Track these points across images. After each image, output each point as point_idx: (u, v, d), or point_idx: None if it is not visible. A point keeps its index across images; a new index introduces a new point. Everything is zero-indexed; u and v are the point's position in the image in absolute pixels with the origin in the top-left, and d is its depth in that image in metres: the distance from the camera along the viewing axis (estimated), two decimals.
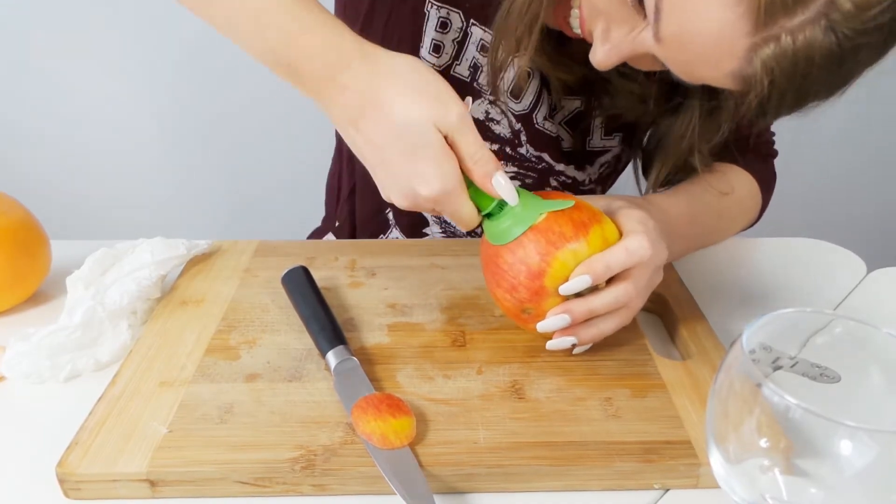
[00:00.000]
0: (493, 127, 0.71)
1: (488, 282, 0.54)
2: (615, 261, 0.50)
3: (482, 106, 0.70)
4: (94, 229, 1.48)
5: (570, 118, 0.72)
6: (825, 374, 0.41)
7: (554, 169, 0.74)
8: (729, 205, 0.70)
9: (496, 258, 0.52)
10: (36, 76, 1.36)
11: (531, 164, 0.74)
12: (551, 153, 0.73)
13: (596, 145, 0.73)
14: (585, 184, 0.76)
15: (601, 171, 0.75)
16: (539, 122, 0.71)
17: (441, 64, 0.68)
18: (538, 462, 0.45)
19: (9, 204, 0.64)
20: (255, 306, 0.61)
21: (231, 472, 0.44)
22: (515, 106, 0.70)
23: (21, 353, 0.55)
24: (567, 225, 0.50)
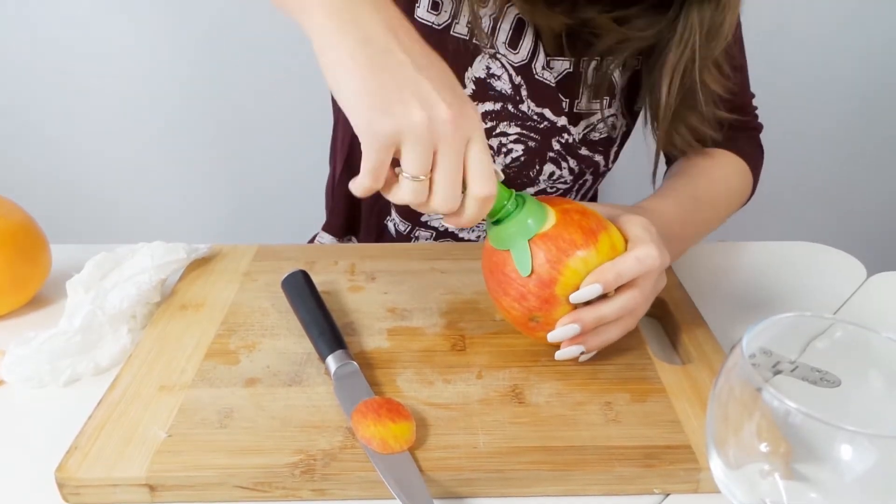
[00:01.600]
0: (493, 83, 0.71)
1: (493, 290, 0.53)
2: (626, 270, 0.50)
3: (483, 62, 0.70)
4: (94, 233, 1.48)
5: (560, 80, 0.72)
6: (825, 379, 0.41)
7: (556, 126, 0.74)
8: (720, 195, 0.71)
9: (503, 266, 0.51)
10: (37, 79, 1.36)
11: (533, 124, 0.73)
12: (552, 108, 0.73)
13: (582, 108, 0.74)
14: (576, 143, 0.76)
15: (586, 132, 0.76)
16: (538, 71, 0.71)
17: (440, 22, 0.68)
18: (538, 467, 0.45)
19: (9, 207, 0.64)
20: (255, 310, 0.61)
21: (230, 476, 0.44)
22: (514, 57, 0.70)
23: (21, 357, 0.55)
24: (577, 232, 0.50)
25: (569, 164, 0.77)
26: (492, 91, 0.72)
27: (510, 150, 0.75)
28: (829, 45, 1.37)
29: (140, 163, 1.46)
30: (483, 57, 0.70)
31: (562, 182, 0.79)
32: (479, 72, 0.71)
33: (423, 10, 0.68)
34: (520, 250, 0.50)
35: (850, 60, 1.39)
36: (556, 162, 0.77)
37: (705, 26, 0.64)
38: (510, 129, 0.74)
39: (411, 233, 0.83)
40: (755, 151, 0.79)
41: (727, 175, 0.74)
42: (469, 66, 0.70)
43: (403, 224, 0.82)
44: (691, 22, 0.64)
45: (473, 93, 0.72)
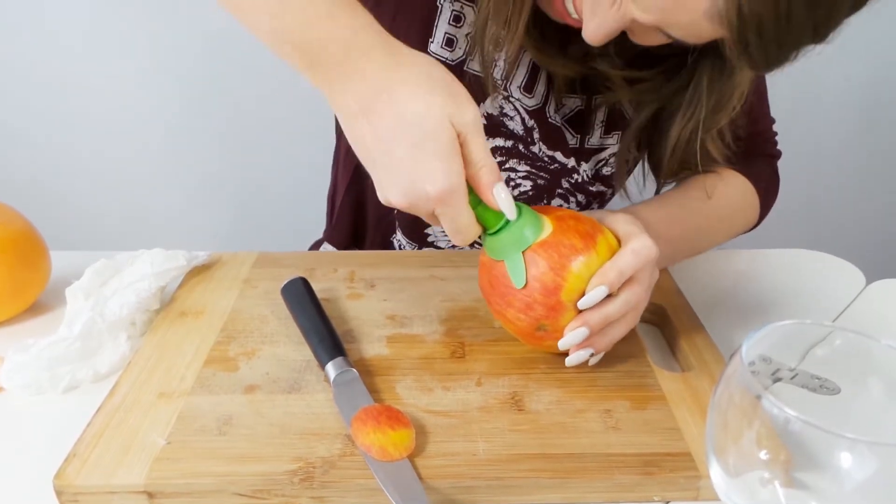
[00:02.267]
0: (506, 122, 0.71)
1: (495, 303, 0.52)
2: (626, 265, 0.50)
3: (496, 101, 0.70)
4: (93, 240, 1.48)
5: (571, 116, 0.72)
6: (825, 386, 0.41)
7: (567, 168, 0.74)
8: (716, 208, 0.70)
9: (504, 278, 0.51)
10: (36, 85, 1.36)
11: (544, 164, 0.74)
12: (564, 150, 0.73)
13: (594, 143, 0.74)
14: (588, 181, 0.76)
15: (597, 167, 0.76)
16: (551, 115, 0.71)
17: (454, 59, 0.68)
18: (537, 474, 0.44)
19: (9, 214, 0.64)
20: (255, 317, 0.61)
21: (229, 484, 0.44)
22: (528, 101, 0.70)
23: (20, 364, 0.55)
24: (575, 237, 0.50)
25: (577, 198, 0.78)
26: (503, 129, 0.72)
27: (518, 184, 0.75)
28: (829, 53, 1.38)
29: (140, 170, 1.46)
30: (497, 97, 0.70)
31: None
32: (492, 109, 0.71)
33: (437, 46, 0.67)
34: (514, 261, 0.50)
35: (850, 68, 1.39)
36: (564, 197, 0.77)
37: (713, 99, 0.63)
38: (520, 166, 0.74)
39: None
40: (769, 178, 0.77)
41: (728, 191, 0.72)
42: (482, 103, 0.70)
43: (410, 245, 0.82)
44: (699, 92, 0.64)
45: (485, 126, 0.69)
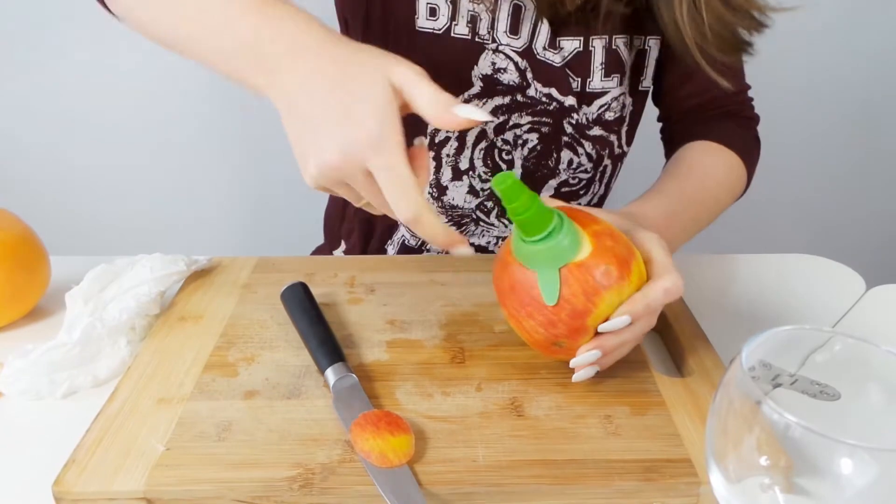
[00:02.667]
0: (500, 77, 0.72)
1: (512, 307, 0.51)
2: (655, 301, 0.50)
3: (487, 58, 0.71)
4: (93, 245, 1.48)
5: (570, 59, 0.73)
6: (825, 392, 0.40)
7: (565, 107, 0.75)
8: (709, 193, 0.73)
9: (530, 288, 0.49)
10: (35, 90, 1.37)
11: (543, 107, 0.74)
12: (559, 87, 0.74)
13: (595, 87, 0.75)
14: (585, 123, 0.77)
15: (600, 112, 0.76)
16: (540, 52, 0.72)
17: (440, 27, 0.69)
18: (537, 481, 0.44)
19: (8, 219, 0.64)
20: (254, 323, 0.61)
21: (228, 490, 0.44)
22: (516, 43, 0.71)
23: (19, 369, 0.55)
24: (612, 262, 0.49)
25: (584, 148, 0.78)
26: (500, 86, 0.73)
27: (525, 140, 0.76)
28: (829, 54, 1.38)
29: (140, 175, 1.46)
30: (487, 53, 0.71)
31: (582, 171, 0.79)
32: (485, 69, 0.72)
33: (423, 20, 0.70)
34: (549, 277, 0.48)
35: (850, 70, 1.39)
36: (572, 147, 0.77)
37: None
38: (522, 118, 0.75)
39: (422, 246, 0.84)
40: (750, 144, 0.79)
41: (718, 173, 0.75)
42: (475, 65, 0.71)
43: (413, 238, 0.83)
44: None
45: (482, 90, 0.72)
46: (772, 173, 1.46)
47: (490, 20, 0.69)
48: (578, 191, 0.80)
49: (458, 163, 0.77)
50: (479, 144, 0.76)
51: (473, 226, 0.82)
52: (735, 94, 0.79)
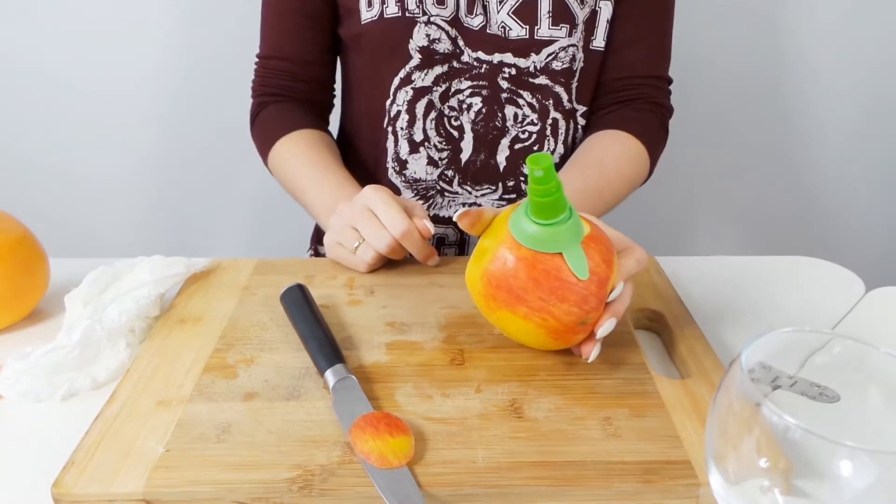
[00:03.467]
0: (436, 47, 0.79)
1: (539, 300, 0.50)
2: (635, 267, 0.54)
3: (420, 31, 0.78)
4: (92, 247, 1.48)
5: (518, 7, 0.78)
6: (824, 394, 0.40)
7: (493, 63, 0.80)
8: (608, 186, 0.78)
9: (557, 272, 0.50)
10: (34, 91, 1.37)
11: (476, 71, 0.81)
12: (484, 49, 0.80)
13: (543, 34, 0.79)
14: (531, 71, 0.81)
15: (548, 61, 0.80)
16: (465, 20, 0.79)
17: (375, 14, 0.78)
18: (537, 482, 0.44)
19: (7, 221, 0.64)
20: (254, 324, 0.61)
21: (228, 492, 0.44)
22: (444, 12, 0.78)
23: (18, 371, 0.55)
24: (601, 230, 0.53)
25: (525, 98, 0.82)
26: (437, 55, 0.79)
27: (469, 104, 0.82)
28: (829, 58, 1.38)
29: (140, 176, 1.46)
30: (420, 26, 0.78)
31: (530, 124, 0.83)
32: (420, 41, 0.79)
33: (364, 13, 0.79)
34: (576, 253, 0.50)
35: (850, 71, 1.39)
36: (512, 101, 0.82)
37: None
38: (462, 84, 0.81)
39: None
40: (659, 134, 0.85)
41: (622, 164, 0.80)
42: (410, 38, 0.78)
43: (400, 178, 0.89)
44: None
45: (420, 61, 0.80)
46: (771, 175, 1.47)
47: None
48: (532, 146, 0.84)
49: (412, 135, 0.83)
50: (428, 115, 0.82)
51: (440, 197, 0.85)
52: (659, 78, 0.86)
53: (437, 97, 0.81)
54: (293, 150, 0.83)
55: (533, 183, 0.48)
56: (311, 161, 0.81)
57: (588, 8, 0.80)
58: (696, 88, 1.37)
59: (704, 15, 1.31)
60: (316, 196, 0.78)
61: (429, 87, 0.81)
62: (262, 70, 0.88)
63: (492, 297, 0.52)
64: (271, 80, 0.87)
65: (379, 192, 0.67)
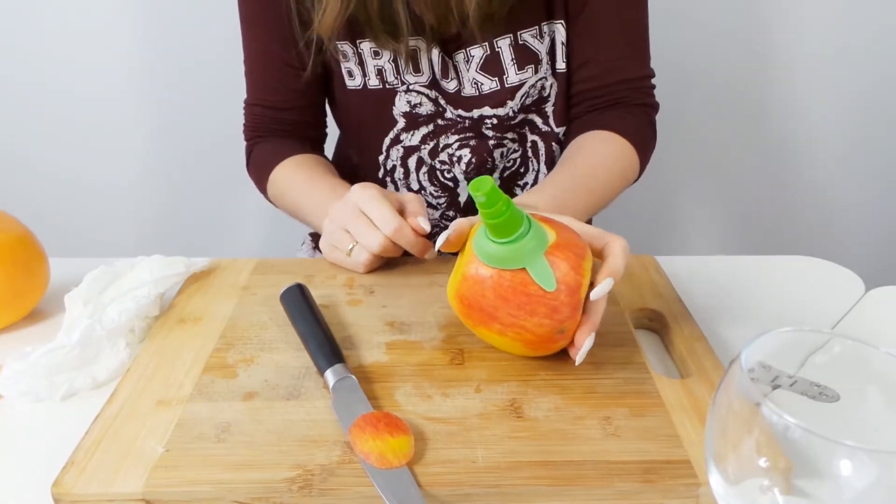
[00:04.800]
0: (418, 110, 0.84)
1: (509, 316, 0.51)
2: (623, 262, 0.54)
3: (402, 98, 0.83)
4: (92, 247, 1.48)
5: (484, 63, 0.81)
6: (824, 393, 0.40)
7: (475, 117, 0.84)
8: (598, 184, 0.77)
9: (524, 286, 0.50)
10: (33, 91, 1.37)
11: (462, 125, 0.84)
12: (465, 106, 0.83)
13: (513, 81, 0.82)
14: (510, 117, 0.84)
15: (523, 101, 0.84)
16: (444, 84, 0.83)
17: (359, 84, 0.83)
18: (536, 482, 0.44)
19: (7, 221, 0.64)
20: (254, 324, 0.61)
21: (228, 492, 0.44)
22: (421, 79, 0.82)
23: (18, 371, 0.55)
24: (571, 234, 0.52)
25: (509, 137, 0.85)
26: (420, 118, 0.84)
27: (459, 157, 0.85)
28: (828, 59, 1.38)
29: (139, 176, 1.46)
30: (400, 95, 0.83)
31: (514, 153, 0.87)
32: (402, 107, 0.84)
33: (348, 82, 0.84)
34: (540, 266, 0.50)
35: (850, 71, 1.39)
36: (500, 145, 0.85)
37: None
38: (450, 139, 0.85)
39: None
40: (645, 132, 0.85)
41: (610, 162, 0.80)
42: (393, 106, 0.84)
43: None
44: None
45: (406, 124, 0.85)
46: (771, 175, 1.46)
47: (394, 69, 0.81)
48: (518, 170, 0.87)
49: (409, 185, 0.88)
50: (421, 169, 0.87)
51: None
52: (635, 79, 0.85)
53: (426, 154, 0.86)
54: (287, 174, 0.84)
55: (480, 207, 0.49)
56: (304, 178, 0.82)
57: (548, 37, 0.81)
58: (696, 88, 1.37)
59: (704, 14, 1.31)
60: (311, 206, 0.79)
61: (417, 146, 0.85)
62: (250, 115, 0.90)
63: (466, 315, 0.54)
64: (258, 121, 0.89)
65: (367, 190, 0.67)
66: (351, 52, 0.81)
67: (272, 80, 0.86)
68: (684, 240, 1.52)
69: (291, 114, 0.88)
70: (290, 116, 0.88)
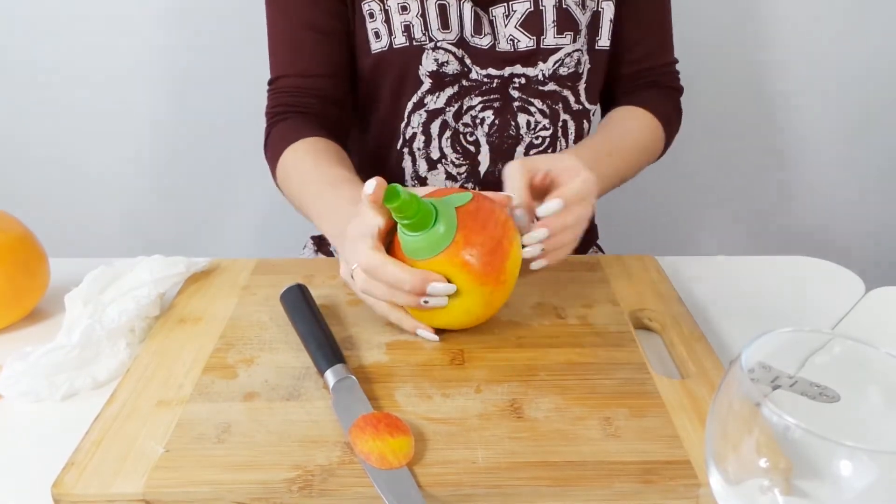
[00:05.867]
0: (445, 69, 0.81)
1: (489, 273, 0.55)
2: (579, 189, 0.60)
3: (429, 57, 0.81)
4: (92, 247, 1.48)
5: (524, 20, 0.81)
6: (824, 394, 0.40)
7: (505, 75, 0.83)
8: (630, 150, 0.83)
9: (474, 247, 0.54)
10: (34, 91, 1.37)
11: (488, 86, 0.83)
12: (496, 64, 0.82)
13: (549, 43, 0.82)
14: (540, 79, 0.84)
15: (555, 68, 0.83)
16: (470, 39, 0.81)
17: (384, 45, 0.81)
18: (537, 482, 0.44)
19: (7, 221, 0.64)
20: (254, 324, 0.61)
21: (228, 492, 0.44)
22: (449, 36, 0.80)
23: (19, 371, 0.55)
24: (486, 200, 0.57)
25: (536, 105, 0.85)
26: (446, 77, 0.82)
27: (482, 118, 0.84)
28: (828, 59, 1.38)
29: (139, 176, 1.46)
30: (427, 52, 0.80)
31: (542, 129, 0.86)
32: (429, 66, 0.81)
33: (374, 44, 0.81)
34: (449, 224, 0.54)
35: (850, 70, 1.39)
36: (524, 109, 0.85)
37: None
38: (473, 100, 0.83)
39: None
40: (672, 113, 0.90)
41: (638, 133, 0.85)
42: (419, 65, 0.81)
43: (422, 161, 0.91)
44: None
45: (431, 85, 0.82)
46: (772, 175, 1.46)
47: (421, 24, 0.79)
48: (546, 149, 0.87)
49: (429, 154, 0.86)
50: (444, 134, 0.85)
51: None
52: (667, 64, 0.91)
53: (450, 116, 0.84)
54: (296, 158, 0.79)
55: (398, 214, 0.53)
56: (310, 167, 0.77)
57: (590, 11, 0.82)
58: (697, 88, 1.37)
59: (704, 14, 1.31)
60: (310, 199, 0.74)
61: (441, 109, 0.83)
62: (272, 93, 0.86)
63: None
64: (280, 99, 0.85)
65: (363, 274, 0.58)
66: (378, 8, 0.80)
67: (299, 45, 0.83)
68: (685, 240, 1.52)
69: (316, 81, 0.83)
70: (314, 84, 0.84)
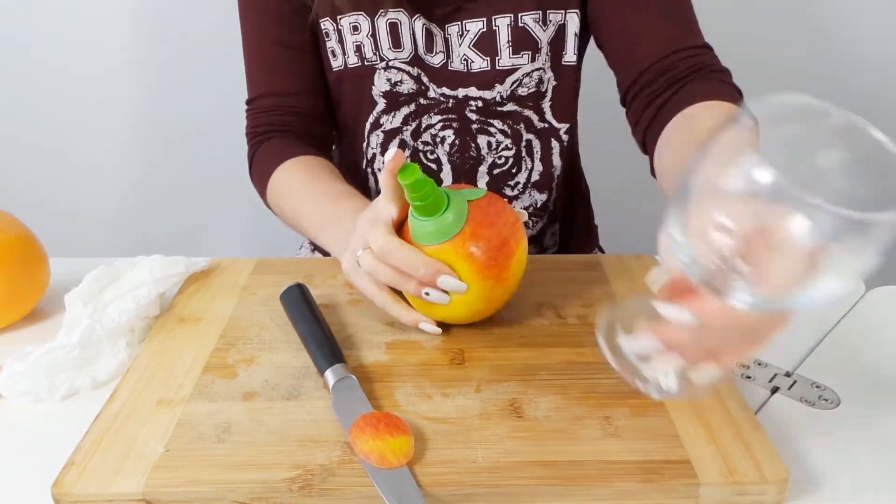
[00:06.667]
0: (399, 89, 0.80)
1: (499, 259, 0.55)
2: None
3: (381, 77, 0.80)
4: (92, 247, 1.48)
5: (477, 40, 0.78)
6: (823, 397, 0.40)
7: (459, 98, 0.81)
8: None
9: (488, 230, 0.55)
10: (33, 90, 1.37)
11: (444, 105, 0.81)
12: (449, 84, 0.80)
13: (505, 65, 0.79)
14: (498, 101, 0.81)
15: (513, 89, 0.81)
16: (426, 58, 0.79)
17: (340, 65, 0.80)
18: (537, 482, 0.44)
19: (7, 220, 0.64)
20: (254, 324, 0.61)
21: (228, 492, 0.44)
22: (401, 55, 0.79)
23: (18, 371, 0.55)
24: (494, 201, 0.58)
25: (496, 126, 0.82)
26: (401, 97, 0.81)
27: (443, 138, 0.82)
28: (828, 58, 1.38)
29: (140, 176, 1.46)
30: (379, 72, 0.79)
31: (505, 149, 0.83)
32: (382, 86, 0.80)
33: (332, 63, 0.81)
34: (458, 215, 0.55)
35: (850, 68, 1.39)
36: (484, 131, 0.82)
37: None
38: (432, 119, 0.82)
39: None
40: (735, 93, 0.74)
41: None
42: (373, 85, 0.80)
43: None
44: None
45: (386, 105, 0.81)
46: None
47: (372, 44, 0.78)
48: (510, 170, 0.84)
49: None
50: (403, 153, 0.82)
51: None
52: (693, 47, 0.75)
53: (408, 135, 0.83)
54: (286, 177, 0.78)
55: (411, 191, 0.54)
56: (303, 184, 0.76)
57: (553, 26, 0.78)
58: None
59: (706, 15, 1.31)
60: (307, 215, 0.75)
61: (398, 128, 0.83)
62: (251, 114, 0.86)
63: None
64: (260, 119, 0.85)
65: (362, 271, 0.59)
66: (332, 28, 0.79)
67: (272, 64, 0.83)
68: None
69: (294, 100, 0.84)
70: (293, 103, 0.84)
